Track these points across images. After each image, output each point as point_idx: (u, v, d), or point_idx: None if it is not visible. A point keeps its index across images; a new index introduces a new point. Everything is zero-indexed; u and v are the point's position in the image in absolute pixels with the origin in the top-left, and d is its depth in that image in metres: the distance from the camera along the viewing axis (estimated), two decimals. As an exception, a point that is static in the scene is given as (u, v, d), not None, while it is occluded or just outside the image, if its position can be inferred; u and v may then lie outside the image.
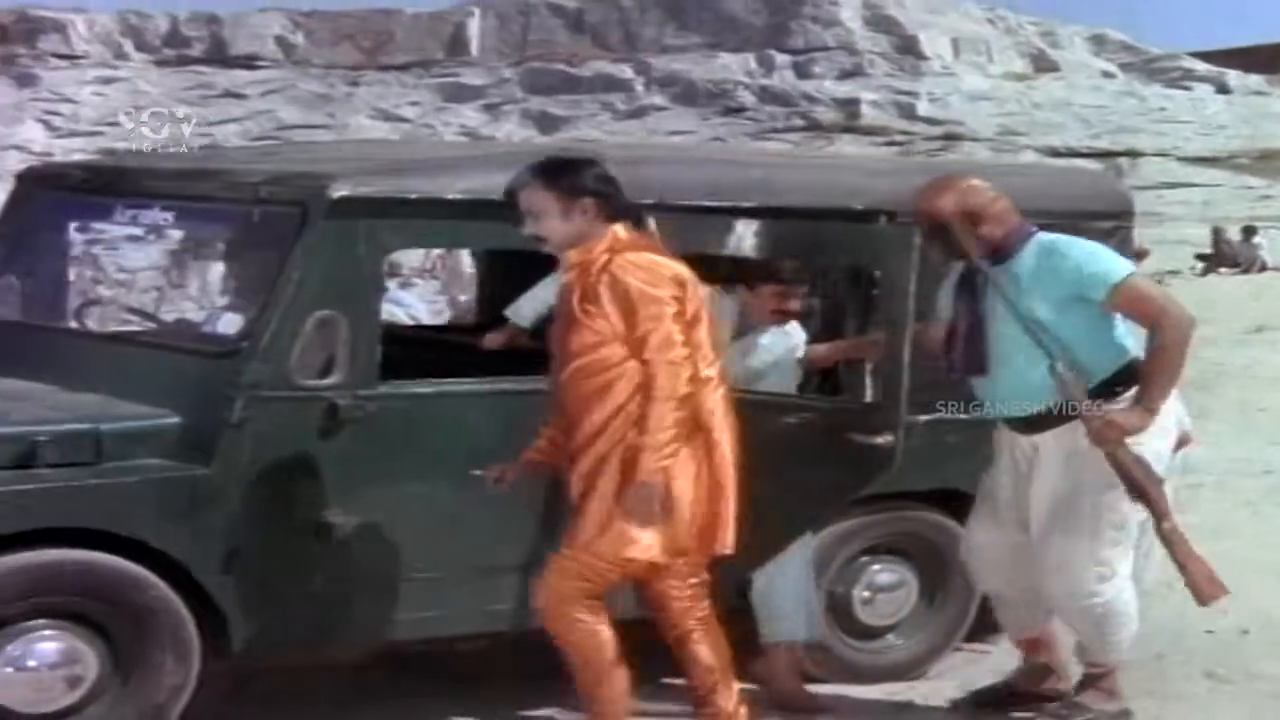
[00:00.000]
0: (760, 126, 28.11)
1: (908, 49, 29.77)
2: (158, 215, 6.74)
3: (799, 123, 28.35)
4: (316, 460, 6.17)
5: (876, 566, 7.24)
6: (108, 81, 31.82)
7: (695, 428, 5.76)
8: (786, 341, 7.04)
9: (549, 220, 5.79)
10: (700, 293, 5.81)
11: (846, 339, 7.16)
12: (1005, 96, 29.24)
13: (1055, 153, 25.86)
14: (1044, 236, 6.31)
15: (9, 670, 5.78)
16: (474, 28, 31.64)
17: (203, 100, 31.00)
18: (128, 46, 32.89)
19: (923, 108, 28.47)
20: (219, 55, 32.02)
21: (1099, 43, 32.49)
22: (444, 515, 6.35)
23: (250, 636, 6.14)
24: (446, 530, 6.38)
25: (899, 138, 26.93)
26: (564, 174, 5.87)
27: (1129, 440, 6.08)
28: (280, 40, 32.09)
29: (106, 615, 5.84)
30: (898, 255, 6.44)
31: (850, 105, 28.61)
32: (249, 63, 31.81)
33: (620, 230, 5.81)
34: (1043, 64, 30.91)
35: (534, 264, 7.90)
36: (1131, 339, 6.29)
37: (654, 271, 5.73)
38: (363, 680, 6.78)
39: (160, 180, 7.08)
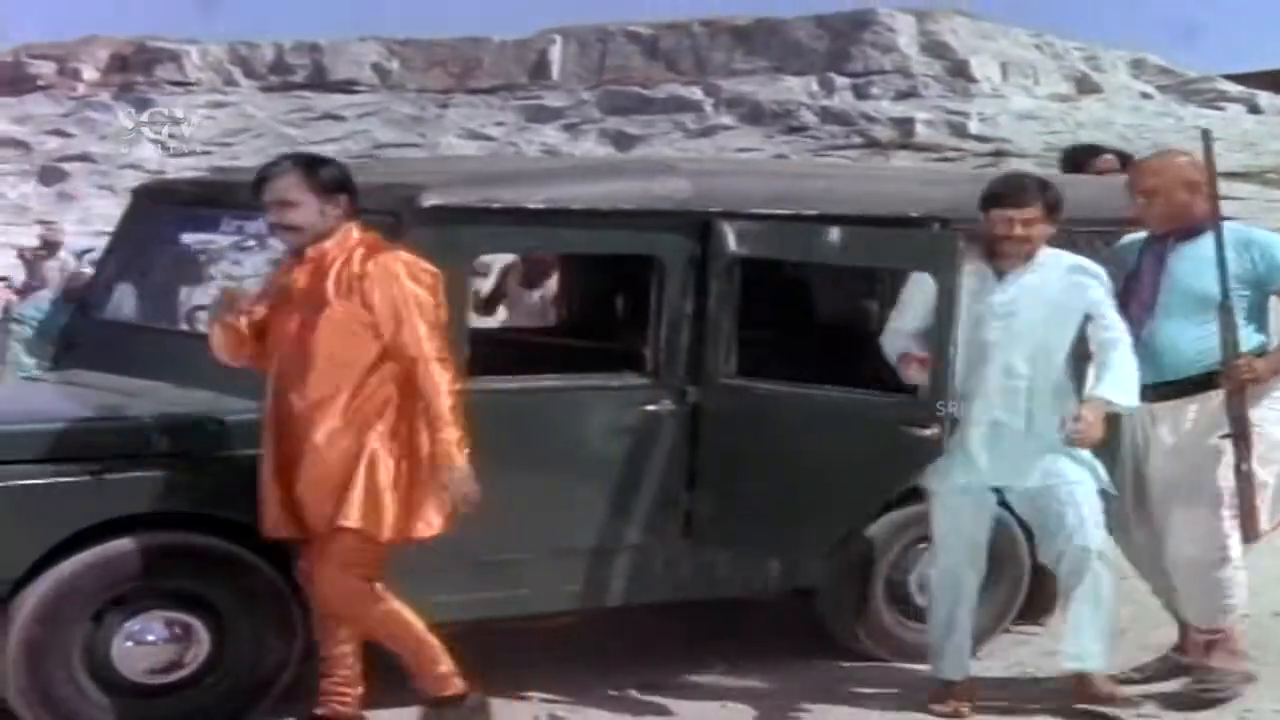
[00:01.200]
0: (821, 144, 28.01)
1: (959, 72, 29.59)
2: (261, 226, 6.76)
3: (857, 140, 28.22)
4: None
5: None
6: (218, 106, 31.99)
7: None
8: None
9: (306, 211, 5.69)
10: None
11: None
12: (1051, 116, 29.02)
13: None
14: (1235, 224, 6.57)
15: (129, 644, 5.85)
16: (555, 54, 31.64)
17: (304, 122, 31.12)
18: (237, 74, 33.06)
19: (973, 126, 28.28)
20: (320, 81, 32.15)
21: (1139, 66, 32.24)
22: (526, 500, 6.34)
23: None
24: (528, 515, 6.37)
25: (951, 154, 26.79)
26: (325, 168, 5.81)
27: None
28: (376, 66, 32.19)
29: (217, 595, 5.90)
30: (947, 259, 6.41)
31: (905, 124, 28.46)
32: (347, 87, 31.92)
33: (356, 228, 5.77)
34: (1086, 86, 30.69)
35: (610, 269, 7.94)
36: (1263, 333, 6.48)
37: (417, 266, 5.68)
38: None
39: (265, 193, 7.09)
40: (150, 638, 5.90)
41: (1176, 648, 6.84)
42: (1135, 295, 6.49)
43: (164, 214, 7.47)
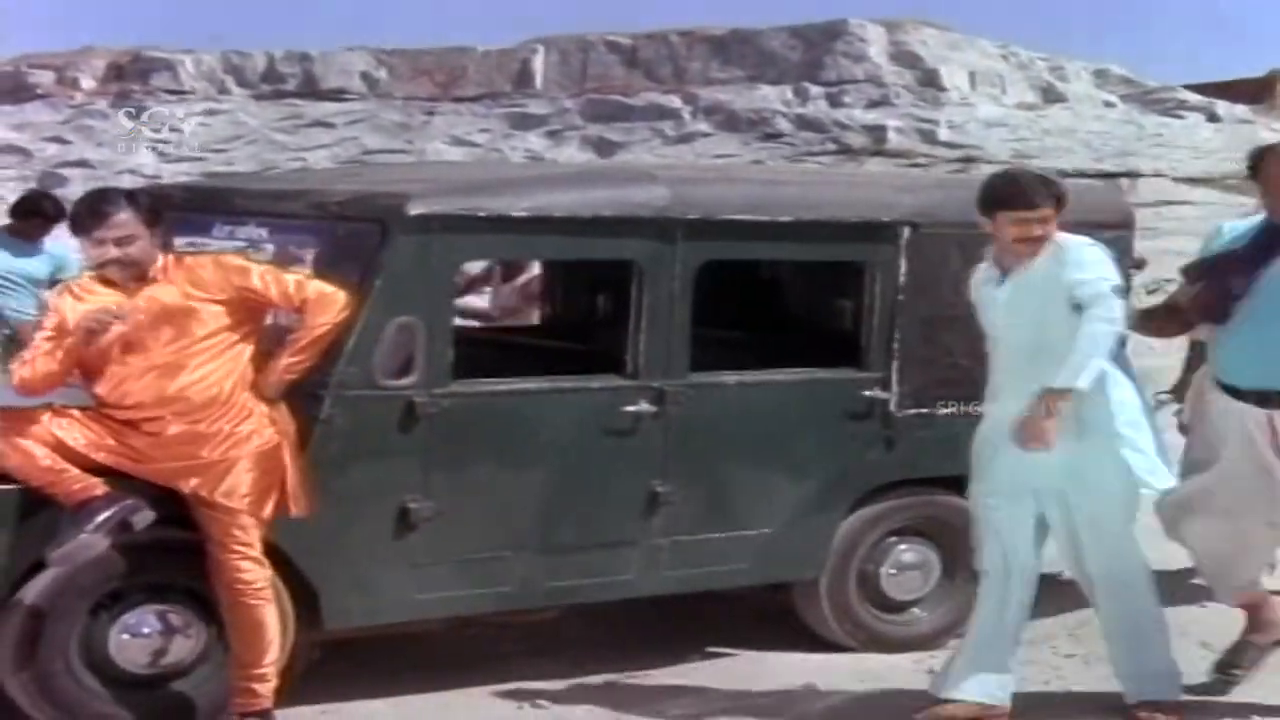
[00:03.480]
0: (796, 150, 28.01)
1: (929, 82, 29.62)
2: (253, 231, 6.76)
3: (831, 147, 28.24)
4: (396, 451, 6.18)
5: (903, 547, 7.24)
6: (212, 113, 31.93)
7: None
8: None
9: (141, 243, 5.70)
10: None
11: None
12: (1018, 124, 29.06)
13: (1063, 174, 25.76)
14: None
15: (125, 636, 5.86)
16: (538, 63, 31.62)
17: (295, 129, 31.05)
18: (230, 82, 32.98)
19: (943, 134, 28.30)
20: (310, 89, 32.08)
21: (1102, 76, 32.30)
22: (510, 499, 6.36)
23: (339, 610, 6.16)
24: (512, 513, 6.39)
25: (921, 160, 26.82)
26: (150, 202, 5.85)
27: None
28: (365, 75, 32.14)
29: (209, 588, 5.87)
30: (922, 259, 6.37)
31: (877, 131, 28.47)
32: (337, 95, 31.86)
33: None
34: (1051, 95, 30.75)
35: (591, 271, 7.94)
36: None
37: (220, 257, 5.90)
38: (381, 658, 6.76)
39: (255, 200, 7.10)
40: (145, 630, 5.90)
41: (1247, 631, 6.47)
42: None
43: (157, 220, 7.44)
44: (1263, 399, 5.94)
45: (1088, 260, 5.81)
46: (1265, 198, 6.06)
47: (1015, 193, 5.90)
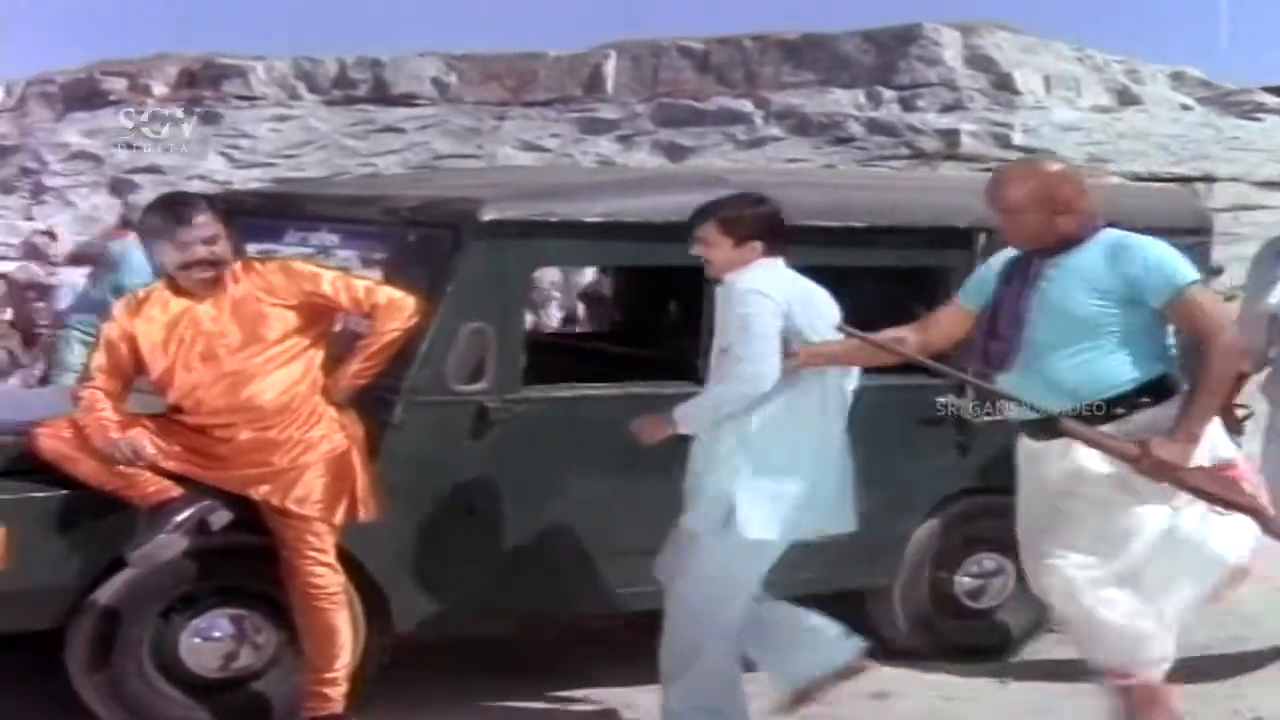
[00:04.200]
0: (868, 155, 27.90)
1: (1003, 85, 29.44)
2: (325, 237, 6.81)
3: (904, 151, 28.11)
4: (468, 456, 6.20)
5: (978, 554, 7.22)
6: (282, 119, 32.09)
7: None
8: None
9: (225, 243, 5.78)
10: None
11: None
12: (1093, 127, 28.84)
13: (1138, 178, 25.52)
14: (1115, 232, 5.52)
15: (197, 640, 5.91)
16: (610, 68, 31.63)
17: (366, 134, 31.16)
18: (301, 88, 33.14)
19: (1017, 138, 28.13)
20: (381, 95, 32.17)
21: (1178, 79, 32.03)
22: (581, 505, 6.37)
23: (409, 614, 6.19)
24: (583, 518, 6.39)
25: (995, 164, 26.66)
26: (224, 204, 5.98)
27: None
28: (435, 80, 32.21)
29: (281, 592, 5.91)
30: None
31: (951, 135, 28.32)
32: (407, 101, 31.94)
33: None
34: (1127, 98, 30.50)
35: (662, 279, 7.94)
36: (1162, 361, 5.48)
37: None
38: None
39: (327, 205, 7.14)
40: (217, 634, 5.95)
41: None
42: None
43: (230, 225, 7.49)
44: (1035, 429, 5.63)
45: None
46: None
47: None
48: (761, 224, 5.89)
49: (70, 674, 5.87)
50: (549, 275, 13.35)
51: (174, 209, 5.77)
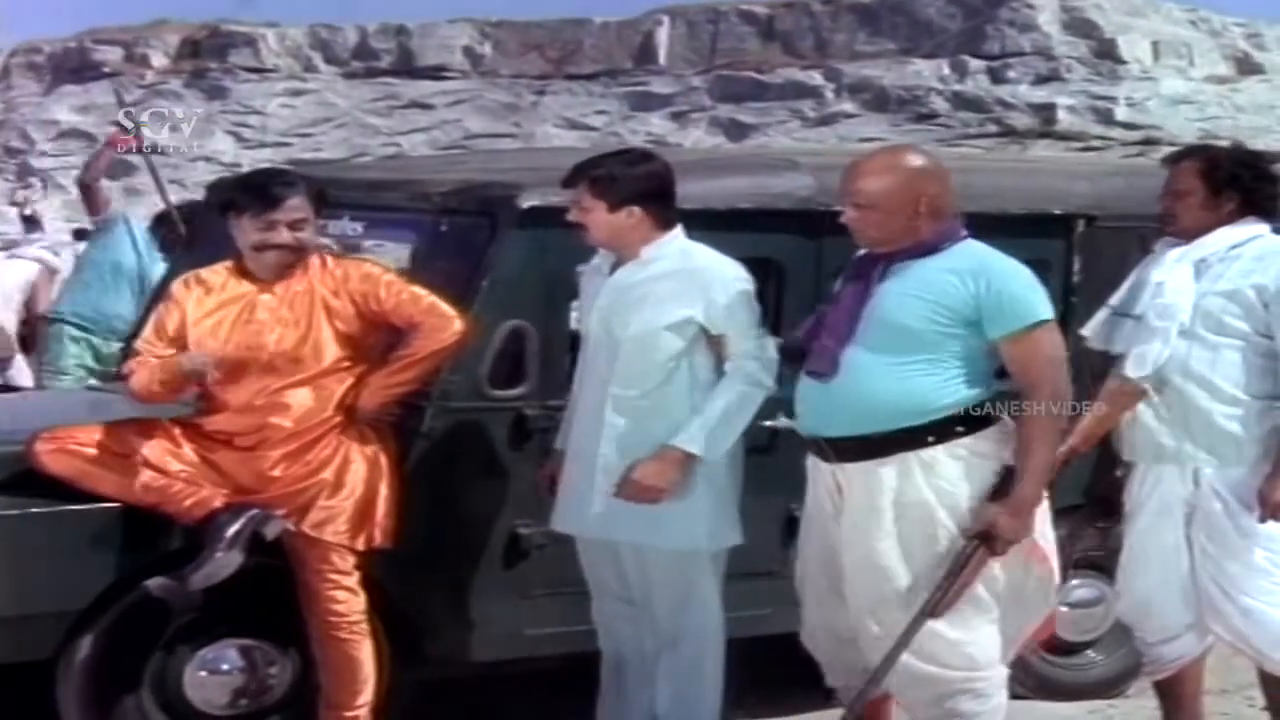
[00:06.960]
0: (952, 133, 27.86)
1: (1106, 53, 29.34)
2: (346, 225, 6.82)
3: (993, 129, 28.06)
4: (506, 470, 6.22)
5: (1075, 581, 7.19)
6: (296, 94, 32.22)
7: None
8: None
9: (310, 231, 5.94)
10: None
11: None
12: (1207, 100, 28.75)
13: (1259, 155, 25.50)
14: (978, 248, 5.51)
15: (203, 674, 5.94)
16: (663, 36, 31.63)
17: (390, 111, 31.27)
18: (317, 59, 33.26)
19: (1120, 113, 28.07)
20: (406, 67, 32.27)
21: (1308, 44, 31.87)
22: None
23: (440, 646, 6.21)
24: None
25: (1095, 143, 26.59)
26: (317, 190, 6.03)
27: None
28: (468, 50, 32.28)
29: (298, 621, 5.95)
30: (1098, 256, 6.35)
31: (1046, 110, 28.27)
32: (436, 73, 32.02)
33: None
34: (1247, 66, 30.36)
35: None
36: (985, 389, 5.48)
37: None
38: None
39: (349, 191, 7.17)
40: (225, 667, 5.98)
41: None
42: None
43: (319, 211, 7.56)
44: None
45: None
46: None
47: None
48: (640, 185, 5.87)
49: (60, 710, 5.89)
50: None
51: (269, 188, 5.88)
